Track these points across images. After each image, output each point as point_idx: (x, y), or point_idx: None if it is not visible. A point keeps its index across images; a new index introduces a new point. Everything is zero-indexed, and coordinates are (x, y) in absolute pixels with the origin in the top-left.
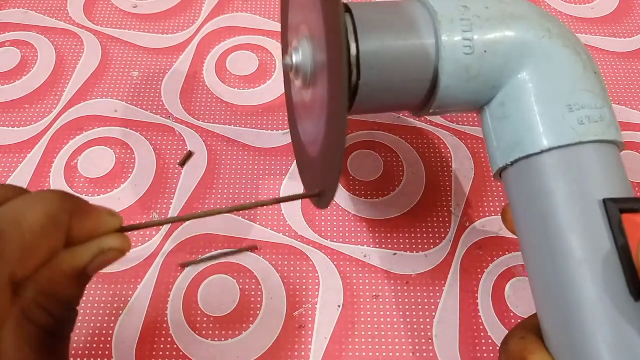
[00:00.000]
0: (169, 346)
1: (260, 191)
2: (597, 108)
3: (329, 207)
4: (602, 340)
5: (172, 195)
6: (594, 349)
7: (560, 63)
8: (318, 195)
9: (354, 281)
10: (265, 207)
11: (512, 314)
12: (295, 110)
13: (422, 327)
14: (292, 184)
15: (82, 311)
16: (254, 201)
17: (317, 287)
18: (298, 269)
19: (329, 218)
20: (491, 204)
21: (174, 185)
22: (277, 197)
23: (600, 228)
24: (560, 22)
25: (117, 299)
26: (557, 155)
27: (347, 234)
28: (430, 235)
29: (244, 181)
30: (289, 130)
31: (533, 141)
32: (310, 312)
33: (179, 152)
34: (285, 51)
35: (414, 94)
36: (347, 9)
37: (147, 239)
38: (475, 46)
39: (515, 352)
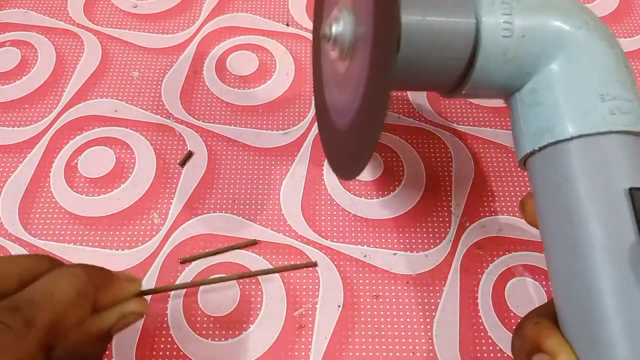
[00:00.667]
0: (169, 346)
1: (260, 191)
2: (628, 100)
3: (329, 207)
4: (621, 328)
5: (172, 195)
6: (611, 336)
7: (594, 54)
8: (314, 265)
9: (354, 281)
10: (265, 206)
11: (512, 314)
12: (325, 82)
13: (422, 326)
14: (292, 183)
15: None
16: (253, 203)
17: (317, 287)
18: None
19: (329, 218)
20: (491, 204)
21: (174, 185)
22: (280, 265)
23: (624, 217)
24: (597, 17)
25: None
26: (586, 143)
27: (347, 234)
28: (430, 235)
29: (244, 181)
30: (289, 129)
31: (563, 128)
32: (310, 312)
33: (179, 152)
34: (318, 21)
35: (450, 72)
36: None
37: (147, 239)
38: (514, 30)
39: (530, 336)
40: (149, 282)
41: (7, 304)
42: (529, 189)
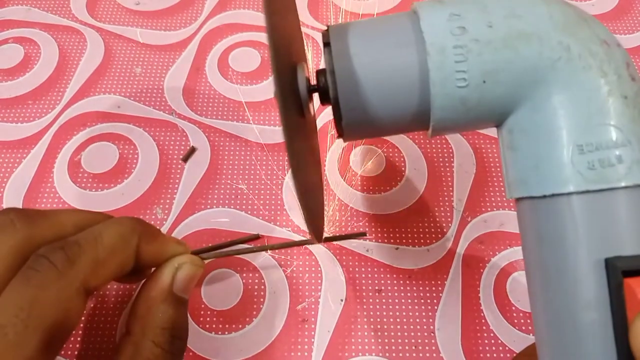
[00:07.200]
0: None
1: (262, 186)
2: (616, 147)
3: (331, 202)
4: None
5: (175, 191)
6: None
7: (577, 91)
8: (364, 235)
9: (357, 275)
10: (267, 201)
11: (513, 308)
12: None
13: (424, 320)
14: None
15: None
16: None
17: (319, 281)
18: (301, 263)
19: (331, 213)
20: (492, 198)
21: (177, 181)
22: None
23: (601, 291)
24: (593, 30)
25: (120, 292)
26: (562, 203)
27: (349, 229)
28: (432, 230)
29: (246, 176)
30: None
31: (537, 183)
32: (313, 306)
33: (182, 147)
34: None
35: (407, 127)
36: (327, 42)
37: None
38: (470, 78)
39: None
40: None
41: (55, 244)
42: None
